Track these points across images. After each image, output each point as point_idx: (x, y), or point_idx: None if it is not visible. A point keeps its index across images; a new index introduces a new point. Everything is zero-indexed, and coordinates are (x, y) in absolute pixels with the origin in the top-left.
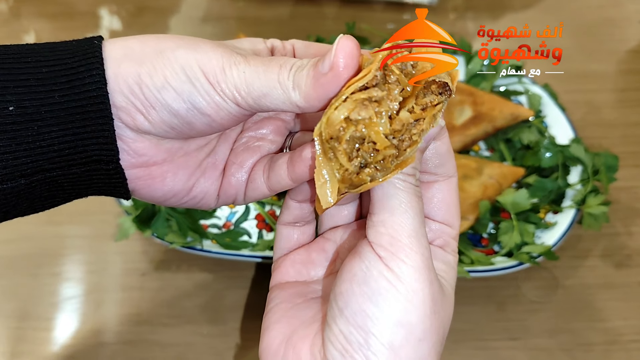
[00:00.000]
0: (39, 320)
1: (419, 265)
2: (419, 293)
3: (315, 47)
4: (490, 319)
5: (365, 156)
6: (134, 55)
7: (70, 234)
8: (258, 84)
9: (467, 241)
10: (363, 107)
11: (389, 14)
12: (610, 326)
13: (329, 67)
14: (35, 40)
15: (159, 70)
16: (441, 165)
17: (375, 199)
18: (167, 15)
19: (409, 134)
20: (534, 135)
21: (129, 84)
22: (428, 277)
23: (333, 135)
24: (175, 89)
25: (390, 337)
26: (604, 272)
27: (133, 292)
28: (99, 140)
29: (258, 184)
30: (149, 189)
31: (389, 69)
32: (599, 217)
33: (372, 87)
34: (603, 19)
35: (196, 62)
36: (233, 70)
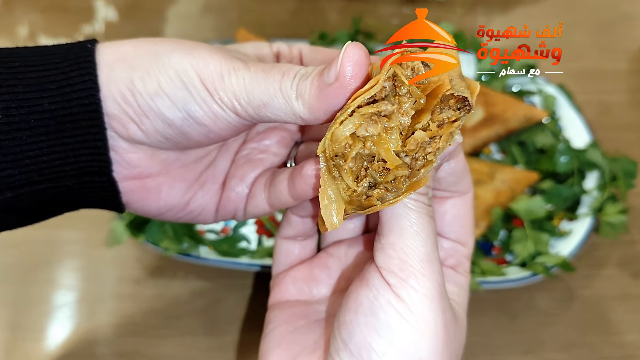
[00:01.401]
0: (29, 330)
1: (431, 293)
2: (430, 324)
3: (323, 52)
4: (502, 332)
5: (374, 175)
6: (127, 60)
7: (62, 239)
8: (258, 92)
9: (477, 249)
10: (371, 123)
11: (395, 8)
12: (627, 340)
13: (335, 76)
14: (29, 34)
15: (153, 75)
16: (456, 183)
17: (384, 219)
18: (165, 7)
19: (424, 152)
20: (548, 138)
21: (121, 91)
22: (441, 306)
23: (338, 153)
24: (170, 96)
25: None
26: (621, 282)
27: (127, 301)
28: (91, 151)
29: (259, 200)
30: (143, 202)
31: (399, 80)
32: (617, 226)
33: (381, 100)
34: (618, 15)
35: (192, 68)
36: (232, 76)
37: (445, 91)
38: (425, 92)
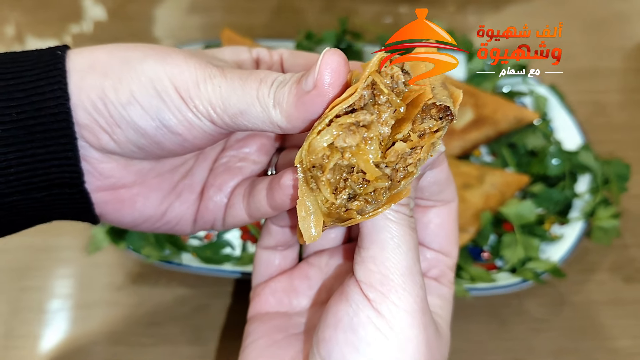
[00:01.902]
0: (7, 338)
1: (412, 309)
2: (412, 341)
3: (304, 57)
4: (492, 338)
5: (354, 187)
6: (98, 67)
7: (41, 245)
8: (235, 100)
9: (467, 255)
10: (350, 133)
11: (386, 7)
12: (619, 345)
13: (313, 84)
14: (16, 34)
15: (125, 83)
16: (440, 192)
17: (365, 231)
18: (153, 4)
19: (404, 163)
20: (539, 140)
21: (92, 99)
22: (422, 322)
23: (315, 164)
24: (143, 104)
25: None
26: (613, 287)
27: (108, 308)
28: (61, 162)
29: (237, 210)
30: (118, 214)
31: (378, 88)
32: (609, 230)
33: (359, 109)
34: (611, 13)
35: (166, 75)
36: (208, 84)
37: (426, 100)
38: (405, 101)
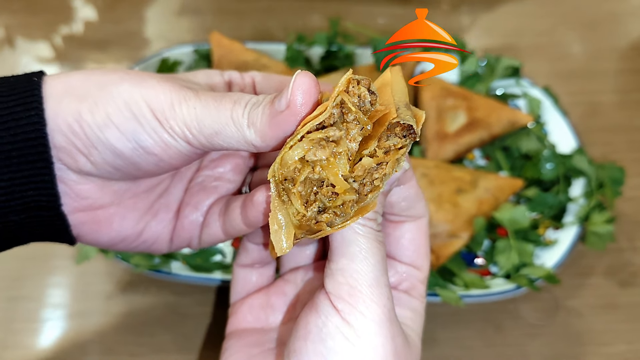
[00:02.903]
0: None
1: (380, 319)
2: (378, 349)
3: (276, 79)
4: (486, 344)
5: (323, 200)
6: (74, 91)
7: (30, 254)
8: (210, 121)
9: (460, 261)
10: (320, 148)
11: (378, 7)
12: (614, 351)
13: (286, 104)
14: (5, 36)
15: (101, 106)
16: (410, 208)
17: (334, 245)
18: (143, 7)
19: (371, 178)
20: (533, 143)
21: (69, 122)
22: (390, 331)
23: (287, 177)
24: (119, 126)
25: None
26: (608, 291)
27: (99, 317)
28: (38, 185)
29: (213, 228)
30: (95, 234)
31: (346, 107)
32: (604, 236)
33: (329, 126)
34: (605, 13)
35: (142, 98)
36: (183, 106)
37: (391, 119)
38: (372, 120)
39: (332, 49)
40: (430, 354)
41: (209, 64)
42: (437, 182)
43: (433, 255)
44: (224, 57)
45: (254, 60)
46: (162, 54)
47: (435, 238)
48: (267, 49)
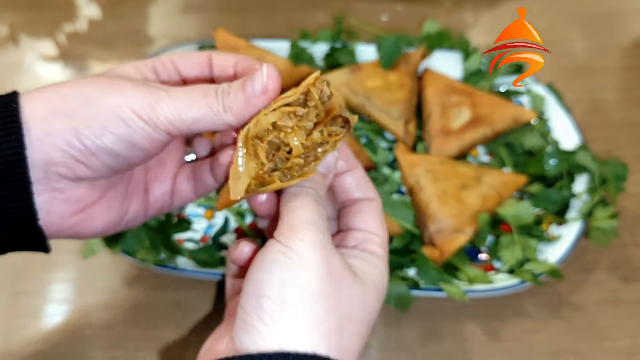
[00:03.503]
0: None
1: (314, 243)
2: (311, 260)
3: (194, 58)
4: (490, 338)
5: (277, 162)
6: (62, 112)
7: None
8: (190, 114)
9: (464, 256)
10: (288, 118)
11: (381, 5)
12: (617, 345)
13: (262, 90)
14: (10, 34)
15: (94, 119)
16: (361, 189)
17: (282, 205)
18: (147, 5)
19: (315, 151)
20: (536, 140)
21: (67, 139)
22: (323, 253)
23: (259, 135)
24: (114, 132)
25: (280, 295)
26: (611, 286)
27: (105, 312)
28: (17, 204)
29: (184, 193)
30: (90, 229)
31: (311, 95)
32: (607, 231)
33: (296, 106)
34: (608, 11)
35: (126, 104)
36: (161, 104)
37: (336, 112)
38: (324, 108)
39: (336, 46)
40: (435, 349)
41: None
42: (442, 178)
43: (437, 250)
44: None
45: (258, 57)
46: (167, 51)
47: (440, 233)
48: (271, 46)
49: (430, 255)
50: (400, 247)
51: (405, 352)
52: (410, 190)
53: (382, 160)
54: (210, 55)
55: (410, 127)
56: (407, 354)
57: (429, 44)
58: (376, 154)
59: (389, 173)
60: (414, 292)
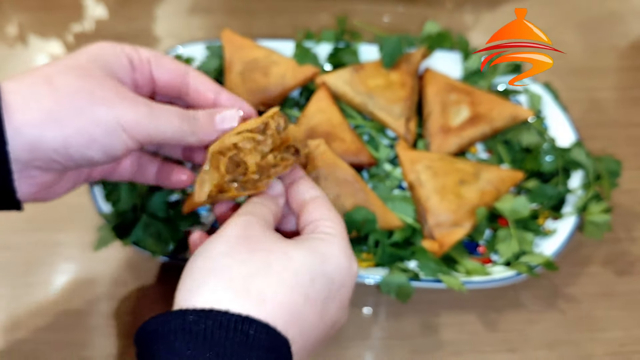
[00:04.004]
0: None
1: (236, 222)
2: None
3: (167, 64)
4: (487, 329)
5: (236, 175)
6: (54, 119)
7: (50, 241)
8: (164, 132)
9: (463, 249)
10: (248, 142)
11: (384, 6)
12: (611, 337)
13: (226, 124)
14: (19, 34)
15: (84, 130)
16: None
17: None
18: (154, 5)
19: (268, 171)
20: (533, 137)
21: (55, 147)
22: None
23: (222, 151)
24: (100, 143)
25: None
26: (605, 279)
27: (116, 303)
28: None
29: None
30: (52, 197)
31: (269, 126)
32: (601, 225)
33: (256, 133)
34: (606, 12)
35: (115, 119)
36: (145, 121)
37: (290, 142)
38: (280, 138)
39: (339, 46)
40: (434, 338)
41: (221, 60)
42: (441, 174)
43: (437, 243)
44: (235, 53)
45: (264, 57)
46: (176, 50)
47: (439, 227)
48: (276, 46)
49: (430, 248)
50: (401, 240)
51: (405, 342)
52: (411, 186)
53: (384, 156)
54: (188, 71)
55: (411, 125)
56: (407, 344)
57: (430, 45)
58: (378, 151)
59: (390, 169)
60: (414, 284)
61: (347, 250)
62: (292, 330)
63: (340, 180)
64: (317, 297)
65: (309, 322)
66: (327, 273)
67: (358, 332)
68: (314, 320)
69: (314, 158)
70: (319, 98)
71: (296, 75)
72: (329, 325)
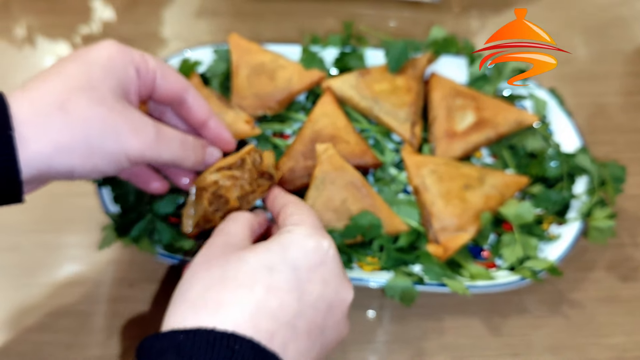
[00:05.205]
0: (24, 330)
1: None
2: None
3: (172, 80)
4: (491, 334)
5: (219, 206)
6: (64, 150)
7: (56, 243)
8: (162, 160)
9: (467, 253)
10: (227, 179)
11: (389, 11)
12: (614, 342)
13: (213, 161)
14: (27, 36)
15: (90, 160)
16: (277, 204)
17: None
18: (161, 8)
19: (247, 198)
20: (538, 142)
21: (62, 173)
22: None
23: (205, 187)
24: (103, 171)
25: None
26: (609, 285)
27: (121, 304)
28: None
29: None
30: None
31: (246, 161)
32: (605, 230)
33: (235, 168)
34: (612, 17)
35: (122, 150)
36: (148, 150)
37: (265, 169)
38: (257, 171)
39: (345, 51)
40: (438, 342)
41: (228, 64)
42: (446, 179)
43: (441, 247)
44: (242, 57)
45: (271, 61)
46: (183, 54)
47: (444, 231)
48: (283, 50)
49: (434, 252)
50: (405, 244)
51: (409, 346)
52: (416, 190)
53: (389, 161)
54: (188, 88)
55: (417, 130)
56: (411, 347)
57: (436, 50)
58: (383, 155)
59: (395, 173)
60: (418, 287)
61: (313, 233)
62: (267, 325)
63: (347, 184)
64: (281, 286)
65: (285, 312)
66: (287, 260)
67: (362, 336)
68: (292, 308)
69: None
70: (324, 102)
71: (302, 80)
72: (323, 307)
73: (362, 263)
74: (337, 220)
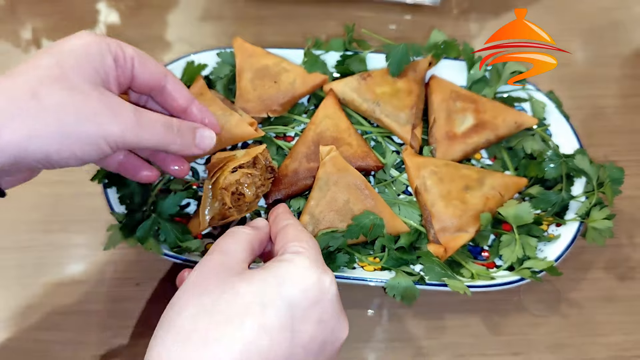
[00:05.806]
0: (31, 328)
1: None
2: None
3: (150, 67)
4: (491, 333)
5: (234, 203)
6: (40, 136)
7: (63, 243)
8: (147, 144)
9: (467, 253)
10: (246, 178)
11: (390, 15)
12: (612, 341)
13: (208, 145)
14: (33, 38)
15: (68, 148)
16: (278, 224)
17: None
18: (166, 12)
19: (257, 192)
20: (537, 144)
21: (37, 159)
22: (197, 269)
23: (226, 187)
24: (80, 157)
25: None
26: (607, 284)
27: (127, 303)
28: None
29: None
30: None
31: (258, 160)
32: (603, 231)
33: (248, 167)
34: (610, 20)
35: (101, 134)
36: (129, 133)
37: (269, 164)
38: (266, 168)
39: (347, 54)
40: (439, 341)
41: (232, 67)
42: (447, 180)
43: (442, 247)
44: (246, 61)
45: (275, 64)
46: (188, 57)
47: (444, 232)
48: (286, 54)
49: (435, 252)
50: (406, 244)
51: (410, 344)
52: (417, 191)
53: (390, 162)
54: (167, 75)
55: (417, 132)
56: (411, 346)
57: (436, 53)
58: (385, 157)
59: (396, 175)
60: (419, 287)
61: (314, 267)
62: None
63: (350, 185)
64: (274, 324)
65: (275, 353)
66: (283, 296)
67: (362, 335)
68: (282, 348)
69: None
70: (326, 105)
71: (305, 83)
72: (315, 348)
73: (364, 263)
74: (340, 220)
